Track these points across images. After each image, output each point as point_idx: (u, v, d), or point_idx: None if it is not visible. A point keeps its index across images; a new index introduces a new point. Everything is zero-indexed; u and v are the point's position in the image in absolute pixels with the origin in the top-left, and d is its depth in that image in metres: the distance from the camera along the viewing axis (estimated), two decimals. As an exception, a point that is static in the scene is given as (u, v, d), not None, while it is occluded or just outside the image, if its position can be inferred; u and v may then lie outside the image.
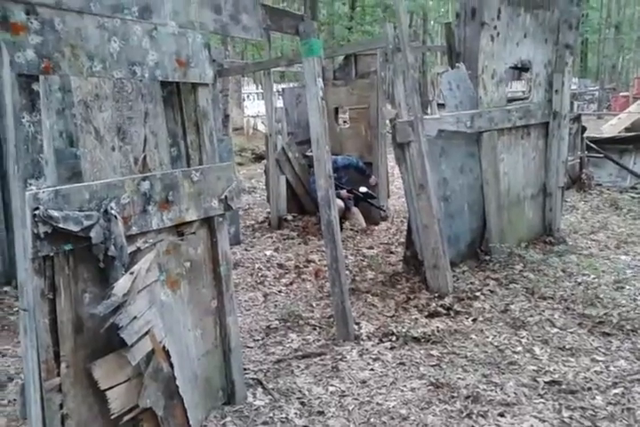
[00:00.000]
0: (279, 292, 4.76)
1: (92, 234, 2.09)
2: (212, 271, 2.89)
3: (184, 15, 2.63)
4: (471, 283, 4.60)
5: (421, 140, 4.36)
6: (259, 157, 13.96)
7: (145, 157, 2.94)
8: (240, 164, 13.57)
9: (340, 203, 6.66)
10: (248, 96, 17.87)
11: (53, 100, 4.47)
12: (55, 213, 1.98)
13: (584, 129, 8.48)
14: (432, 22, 37.35)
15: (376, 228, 6.99)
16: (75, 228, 2.03)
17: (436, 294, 4.35)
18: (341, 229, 6.56)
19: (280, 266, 5.38)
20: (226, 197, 2.83)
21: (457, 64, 5.04)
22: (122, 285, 2.17)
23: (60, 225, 1.99)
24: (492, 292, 4.45)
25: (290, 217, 7.05)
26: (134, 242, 2.41)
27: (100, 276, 2.23)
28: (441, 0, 30.75)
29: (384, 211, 7.10)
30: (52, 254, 2.04)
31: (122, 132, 3.00)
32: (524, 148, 5.56)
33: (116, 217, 2.16)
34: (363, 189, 6.78)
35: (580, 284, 4.60)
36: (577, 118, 8.21)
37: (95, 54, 2.21)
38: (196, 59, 2.70)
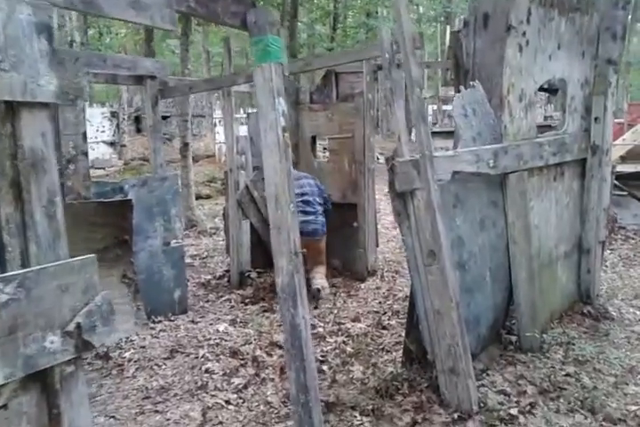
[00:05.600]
0: (227, 403, 3.30)
1: None
2: (52, 472, 1.47)
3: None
4: (502, 391, 3.21)
5: (431, 188, 3.02)
6: (229, 189, 12.62)
7: None
8: (208, 196, 12.21)
9: (325, 283, 5.32)
10: (220, 121, 16.51)
11: None
12: None
13: (604, 162, 7.24)
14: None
15: (362, 286, 5.61)
16: None
17: (455, 415, 2.95)
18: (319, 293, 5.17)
19: (233, 354, 3.93)
20: (79, 325, 1.43)
21: (472, 83, 3.75)
22: None
23: None
24: (533, 409, 3.06)
25: (254, 273, 5.63)
26: None
27: None
28: (432, 26, 29.94)
29: None
30: None
31: None
32: (557, 192, 4.25)
33: None
34: None
35: (654, 390, 3.24)
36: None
37: None
38: (15, 53, 1.33)
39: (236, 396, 3.37)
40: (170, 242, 4.87)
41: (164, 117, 20.32)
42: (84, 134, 4.18)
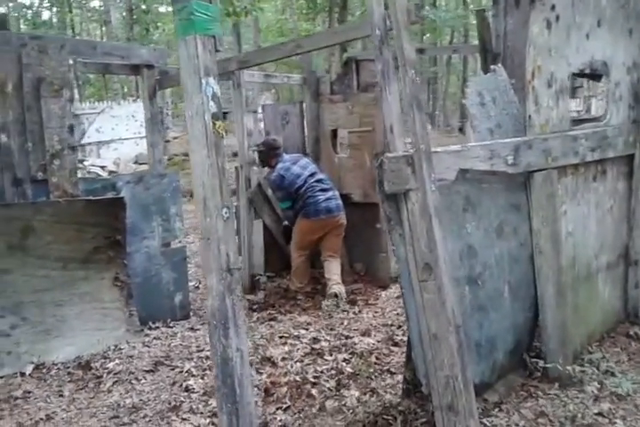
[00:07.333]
0: (196, 429, 2.94)
1: None
2: None
3: None
4: (514, 433, 2.70)
5: (427, 189, 2.53)
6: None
7: None
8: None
9: (342, 289, 4.91)
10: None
11: None
12: None
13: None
14: (475, 42, 35.30)
15: (383, 294, 5.14)
16: None
17: (452, 461, 2.47)
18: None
19: (220, 370, 3.56)
20: None
21: (492, 67, 3.24)
22: None
23: None
24: (550, 457, 2.54)
25: (264, 278, 5.25)
26: None
27: None
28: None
29: None
30: None
31: None
32: (598, 194, 3.64)
33: None
34: None
35: None
36: None
37: None
38: None
39: (208, 421, 2.99)
40: (170, 243, 4.56)
41: (225, 113, 20.20)
42: (71, 127, 3.90)
